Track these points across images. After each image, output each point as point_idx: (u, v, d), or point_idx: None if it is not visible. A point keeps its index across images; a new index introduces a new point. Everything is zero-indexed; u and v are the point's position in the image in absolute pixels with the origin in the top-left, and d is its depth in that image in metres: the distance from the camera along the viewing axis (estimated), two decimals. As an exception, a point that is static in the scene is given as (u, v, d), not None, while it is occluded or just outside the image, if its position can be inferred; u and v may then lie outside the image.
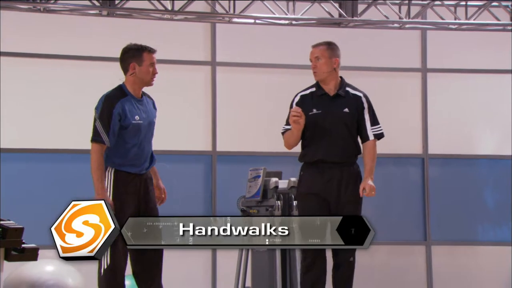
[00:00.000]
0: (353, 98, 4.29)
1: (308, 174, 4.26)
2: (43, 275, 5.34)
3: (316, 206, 4.23)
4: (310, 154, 4.25)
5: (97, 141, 4.11)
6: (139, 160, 4.15)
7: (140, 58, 4.12)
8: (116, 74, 7.40)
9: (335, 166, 4.23)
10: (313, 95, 4.29)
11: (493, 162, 8.13)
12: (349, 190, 4.24)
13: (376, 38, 7.84)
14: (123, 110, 4.08)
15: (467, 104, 8.11)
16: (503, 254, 8.00)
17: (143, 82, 4.15)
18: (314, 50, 4.29)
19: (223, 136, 7.68)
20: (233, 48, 7.76)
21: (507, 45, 8.02)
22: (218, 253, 7.45)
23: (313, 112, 4.23)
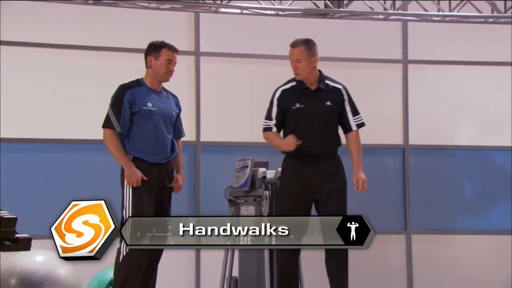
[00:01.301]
0: (333, 91, 4.39)
1: (291, 165, 4.36)
2: (34, 265, 5.31)
3: (300, 196, 4.33)
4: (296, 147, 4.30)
5: (108, 127, 4.23)
6: (156, 147, 4.22)
7: (158, 53, 4.27)
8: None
9: (318, 157, 4.35)
10: (294, 89, 4.36)
11: (471, 152, 8.25)
12: (333, 178, 4.35)
13: (358, 30, 7.90)
14: (132, 97, 4.20)
15: (447, 95, 8.22)
16: (480, 243, 8.16)
17: (157, 76, 4.27)
18: (293, 52, 4.33)
19: (207, 126, 7.69)
20: (217, 38, 7.76)
21: (487, 37, 8.14)
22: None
23: (296, 107, 4.31)
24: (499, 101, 8.31)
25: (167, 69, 4.30)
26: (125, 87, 4.25)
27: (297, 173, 4.28)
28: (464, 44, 8.19)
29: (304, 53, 4.29)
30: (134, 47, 7.41)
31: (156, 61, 4.27)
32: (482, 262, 8.13)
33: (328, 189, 4.30)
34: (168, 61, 4.29)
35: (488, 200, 8.25)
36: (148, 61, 4.31)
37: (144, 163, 4.17)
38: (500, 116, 8.30)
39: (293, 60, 4.31)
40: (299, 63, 4.30)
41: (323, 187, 4.29)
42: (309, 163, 4.30)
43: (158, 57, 4.28)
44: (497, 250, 8.18)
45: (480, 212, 8.26)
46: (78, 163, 7.22)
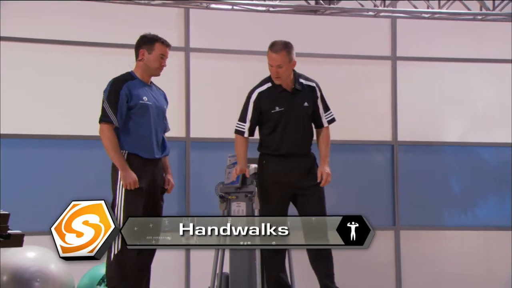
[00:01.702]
0: (308, 90, 4.43)
1: (272, 163, 4.41)
2: (26, 261, 5.29)
3: (281, 194, 4.42)
4: (274, 147, 4.41)
5: (105, 121, 4.14)
6: (151, 142, 4.18)
7: (151, 47, 4.20)
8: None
9: (296, 155, 4.41)
10: (271, 91, 4.36)
11: (459, 149, 8.31)
12: (309, 175, 4.44)
13: (347, 26, 7.93)
14: (129, 91, 4.13)
15: (435, 92, 8.26)
16: (468, 238, 8.22)
17: (149, 70, 4.20)
18: (275, 57, 4.31)
19: (197, 122, 7.68)
20: (207, 34, 7.75)
21: (475, 34, 8.19)
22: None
23: (276, 110, 4.35)
24: (487, 98, 8.38)
25: (160, 64, 4.24)
26: (121, 80, 4.15)
27: (277, 171, 4.32)
28: (452, 41, 8.24)
29: (286, 58, 4.31)
30: (124, 43, 7.41)
31: (149, 55, 4.20)
32: (469, 258, 8.20)
33: (307, 185, 4.37)
34: (161, 56, 4.23)
35: (475, 196, 8.31)
36: (140, 54, 4.22)
37: (139, 159, 4.12)
38: (488, 113, 8.36)
39: (274, 65, 4.31)
40: (280, 68, 4.32)
41: (302, 184, 4.36)
42: (287, 161, 4.36)
43: (151, 51, 4.21)
44: (483, 245, 8.25)
45: (467, 208, 8.32)
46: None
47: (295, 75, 4.40)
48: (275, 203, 4.34)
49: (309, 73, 7.81)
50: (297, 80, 4.39)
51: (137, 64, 4.24)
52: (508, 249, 8.21)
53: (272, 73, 4.34)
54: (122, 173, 4.04)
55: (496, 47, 8.28)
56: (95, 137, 4.89)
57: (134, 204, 4.08)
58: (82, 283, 5.54)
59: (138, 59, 4.23)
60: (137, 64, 4.24)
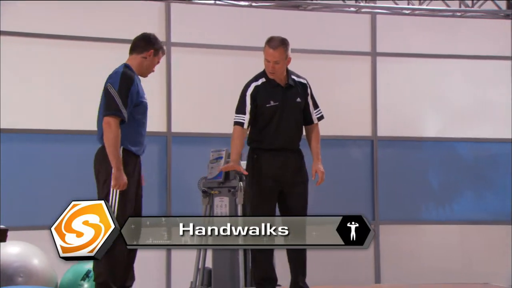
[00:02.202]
0: (300, 87, 4.51)
1: (264, 158, 4.44)
2: (9, 257, 5.26)
3: (272, 189, 4.46)
4: (267, 141, 4.44)
5: (116, 115, 4.04)
6: (143, 140, 4.21)
7: (158, 52, 4.22)
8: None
9: (287, 151, 4.45)
10: (266, 86, 4.41)
11: (437, 144, 8.40)
12: (300, 171, 4.49)
13: (328, 22, 7.96)
14: (137, 87, 4.10)
15: (414, 88, 8.33)
16: (446, 232, 8.32)
17: (145, 70, 4.21)
18: (273, 53, 4.36)
19: (178, 117, 7.68)
20: (188, 29, 7.74)
21: (453, 30, 8.28)
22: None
23: (271, 104, 4.39)
24: (464, 94, 8.47)
25: (153, 69, 4.27)
26: (131, 75, 4.09)
27: (269, 166, 4.36)
28: (431, 38, 8.32)
29: (283, 54, 4.36)
30: (105, 37, 7.39)
31: (154, 58, 4.22)
32: (446, 251, 8.30)
33: (295, 182, 4.42)
34: (158, 63, 4.30)
35: (452, 191, 8.41)
36: (148, 53, 4.19)
37: (133, 156, 4.13)
38: (465, 109, 8.46)
39: (272, 61, 4.35)
40: (277, 64, 4.37)
41: (291, 180, 4.40)
42: (279, 156, 4.40)
43: (156, 55, 4.24)
44: (460, 239, 8.36)
45: (445, 203, 8.42)
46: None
47: (287, 71, 4.44)
48: (265, 197, 4.38)
49: (290, 68, 7.89)
50: (289, 76, 4.44)
51: (135, 59, 4.19)
52: (484, 243, 8.33)
53: (268, 68, 4.38)
54: (116, 173, 3.99)
55: (474, 43, 8.38)
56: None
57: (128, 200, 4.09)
58: (66, 279, 5.52)
59: (141, 55, 4.18)
60: (136, 59, 4.19)
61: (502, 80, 8.38)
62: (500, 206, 8.39)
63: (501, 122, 8.40)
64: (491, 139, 8.43)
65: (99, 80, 7.37)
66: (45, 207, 7.10)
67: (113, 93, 4.06)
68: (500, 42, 8.29)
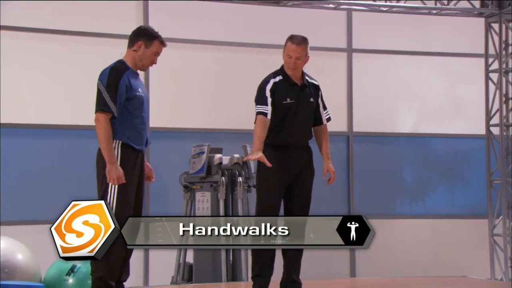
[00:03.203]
0: (313, 88, 4.59)
1: (274, 155, 4.48)
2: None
3: (281, 184, 4.48)
4: (279, 138, 4.48)
5: (103, 111, 4.06)
6: (143, 133, 4.19)
7: (150, 42, 4.18)
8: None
9: (298, 149, 4.51)
10: (283, 83, 4.47)
11: (411, 139, 8.51)
12: (307, 169, 4.55)
13: (305, 18, 8.02)
14: (129, 82, 4.08)
15: (389, 84, 8.44)
16: (419, 226, 8.45)
17: (140, 63, 4.17)
18: (296, 49, 4.44)
19: (156, 112, 7.65)
20: (167, 24, 7.72)
21: (427, 27, 8.40)
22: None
23: (287, 101, 4.45)
24: (438, 91, 8.60)
25: (151, 61, 4.21)
26: (120, 69, 4.07)
27: (279, 162, 4.42)
28: (406, 35, 8.43)
29: (305, 51, 4.46)
30: (85, 31, 7.37)
31: (145, 49, 4.17)
32: (420, 245, 8.43)
33: (303, 178, 4.50)
34: (156, 53, 4.22)
35: (426, 186, 8.54)
36: (137, 45, 4.17)
37: (132, 150, 4.11)
38: (439, 105, 8.59)
39: (294, 56, 4.43)
40: (299, 60, 4.45)
41: (300, 176, 4.48)
42: (290, 153, 4.47)
43: (149, 46, 4.19)
44: (434, 233, 8.50)
45: (418, 197, 8.54)
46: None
47: (303, 72, 4.53)
48: (275, 193, 4.43)
49: (267, 64, 7.90)
50: (304, 76, 4.53)
51: (128, 54, 4.18)
52: (456, 237, 8.48)
53: (289, 64, 4.44)
54: (110, 167, 3.98)
55: (448, 41, 8.51)
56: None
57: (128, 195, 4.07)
58: (50, 274, 5.48)
59: (132, 49, 4.18)
60: (129, 53, 4.18)
61: (475, 77, 8.53)
62: (472, 200, 8.55)
63: (474, 118, 8.55)
64: (464, 135, 8.58)
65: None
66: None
67: (101, 89, 4.07)
68: (474, 39, 8.43)
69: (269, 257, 4.47)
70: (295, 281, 4.55)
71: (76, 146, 7.17)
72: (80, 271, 5.32)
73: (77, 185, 6.88)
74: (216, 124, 7.79)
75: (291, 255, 4.53)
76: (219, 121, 7.80)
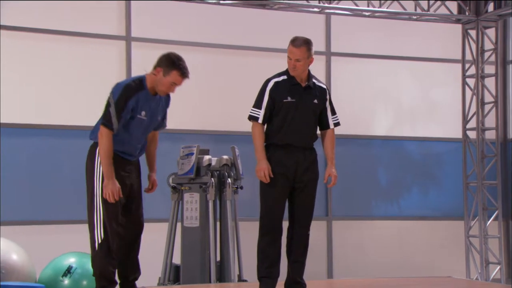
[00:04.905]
0: (319, 90, 4.63)
1: (276, 155, 4.50)
2: (-12, 252, 5.13)
3: (283, 184, 4.52)
4: (279, 137, 4.51)
5: (107, 127, 4.15)
6: (134, 149, 4.29)
7: (169, 71, 4.17)
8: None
9: (300, 150, 4.55)
10: (286, 83, 4.52)
11: (386, 142, 8.65)
12: (310, 170, 4.59)
13: (285, 22, 8.09)
14: (136, 104, 4.14)
15: (365, 87, 8.57)
16: (392, 227, 8.61)
17: (157, 88, 4.20)
18: (295, 51, 4.48)
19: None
20: (150, 24, 7.72)
21: (404, 32, 8.54)
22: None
23: (288, 100, 4.49)
24: (414, 95, 8.77)
25: (168, 89, 4.25)
26: (133, 89, 4.14)
27: (283, 164, 4.46)
28: (383, 39, 8.57)
29: (305, 53, 4.47)
30: (67, 30, 7.31)
31: (163, 77, 4.17)
32: (394, 245, 8.58)
33: (307, 179, 4.54)
34: (173, 83, 4.21)
35: (400, 188, 8.69)
36: (156, 71, 4.18)
37: (122, 159, 4.21)
38: (414, 109, 8.76)
39: (293, 58, 4.47)
40: (298, 62, 4.48)
41: (303, 177, 4.51)
42: (293, 153, 4.50)
43: (167, 75, 4.18)
44: (408, 234, 8.65)
45: (393, 199, 8.69)
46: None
47: (309, 74, 4.57)
48: (277, 194, 4.47)
49: (255, 66, 7.95)
50: (310, 79, 4.56)
51: (149, 75, 4.21)
52: (430, 238, 8.65)
53: (289, 66, 4.49)
54: (107, 181, 4.09)
55: (423, 46, 8.69)
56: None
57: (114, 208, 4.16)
58: (45, 274, 5.42)
59: (152, 72, 4.19)
60: (150, 75, 4.20)
61: (450, 82, 8.72)
62: (446, 202, 8.74)
63: (448, 122, 8.75)
64: (438, 138, 8.77)
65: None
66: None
67: (111, 102, 4.14)
68: (449, 45, 8.63)
69: (275, 256, 4.51)
70: (300, 282, 4.61)
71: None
72: (76, 272, 5.28)
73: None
74: (204, 125, 7.81)
75: (296, 256, 4.59)
76: (207, 122, 7.81)
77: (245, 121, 7.79)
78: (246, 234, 6.56)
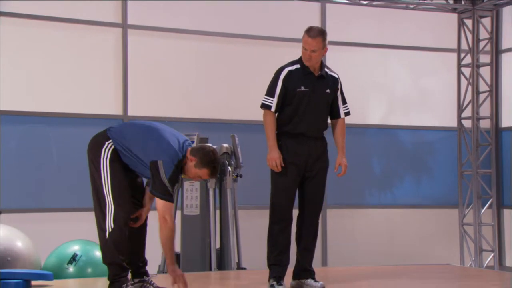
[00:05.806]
0: (331, 80, 4.65)
1: (288, 144, 4.52)
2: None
3: (296, 173, 4.55)
4: (291, 126, 4.52)
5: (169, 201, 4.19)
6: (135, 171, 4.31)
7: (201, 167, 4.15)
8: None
9: (311, 139, 4.58)
10: (299, 72, 4.52)
11: (380, 131, 8.69)
12: (321, 159, 4.64)
13: (279, 11, 8.10)
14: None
15: (359, 76, 8.58)
16: (388, 216, 8.66)
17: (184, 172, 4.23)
18: (311, 42, 4.49)
19: (135, 100, 7.61)
20: (145, 11, 7.68)
21: (398, 21, 8.57)
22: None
23: (301, 89, 4.51)
24: (408, 83, 8.81)
25: (193, 178, 4.27)
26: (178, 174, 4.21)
27: (294, 153, 4.48)
28: (378, 28, 8.59)
29: (320, 44, 4.49)
30: (62, 17, 7.26)
31: (193, 167, 4.17)
32: (389, 234, 8.63)
33: (317, 168, 4.58)
34: (199, 177, 4.22)
35: (394, 176, 8.74)
36: (191, 158, 4.16)
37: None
38: (408, 98, 8.80)
39: (309, 49, 4.48)
40: (314, 52, 4.50)
41: (314, 166, 4.53)
42: (304, 143, 4.53)
43: (198, 168, 4.16)
44: (402, 222, 8.71)
45: (386, 188, 8.74)
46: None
47: (322, 63, 4.58)
48: (291, 185, 4.49)
49: (253, 54, 7.94)
50: (323, 68, 4.57)
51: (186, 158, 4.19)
52: (423, 226, 8.71)
53: (304, 56, 4.49)
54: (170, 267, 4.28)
55: (418, 35, 8.72)
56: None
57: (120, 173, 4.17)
58: (50, 262, 5.39)
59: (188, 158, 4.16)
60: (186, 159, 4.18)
61: (444, 71, 8.77)
62: (439, 191, 8.80)
63: (442, 111, 8.80)
64: (432, 127, 8.82)
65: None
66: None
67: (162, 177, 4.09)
68: (443, 34, 8.66)
69: (285, 244, 4.53)
70: (309, 269, 4.64)
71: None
72: (81, 260, 5.25)
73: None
74: (203, 114, 7.79)
75: (306, 244, 4.61)
76: (206, 111, 7.80)
77: (244, 110, 7.83)
78: (244, 222, 6.58)
